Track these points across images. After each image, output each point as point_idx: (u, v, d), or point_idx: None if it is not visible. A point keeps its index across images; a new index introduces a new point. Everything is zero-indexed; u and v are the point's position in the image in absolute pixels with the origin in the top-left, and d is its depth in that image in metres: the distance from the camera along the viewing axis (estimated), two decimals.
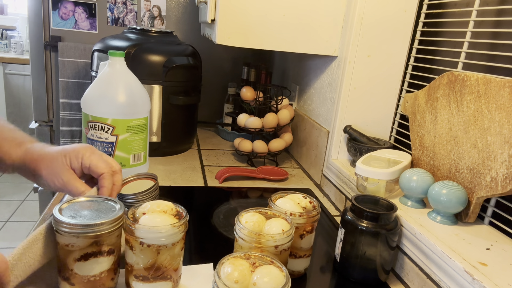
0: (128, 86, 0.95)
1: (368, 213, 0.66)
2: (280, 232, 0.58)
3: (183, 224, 0.56)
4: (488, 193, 0.66)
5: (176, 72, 1.16)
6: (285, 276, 0.49)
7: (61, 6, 1.50)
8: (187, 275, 0.64)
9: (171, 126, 1.20)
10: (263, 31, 0.99)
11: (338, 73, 1.03)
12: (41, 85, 1.58)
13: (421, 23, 0.95)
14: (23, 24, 3.10)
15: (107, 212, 0.56)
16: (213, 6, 0.99)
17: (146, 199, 0.78)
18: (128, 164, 0.96)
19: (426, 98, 0.82)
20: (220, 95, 1.66)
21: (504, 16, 0.75)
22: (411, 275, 0.69)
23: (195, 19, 1.63)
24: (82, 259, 0.53)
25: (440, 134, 0.78)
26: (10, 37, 3.08)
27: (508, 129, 0.62)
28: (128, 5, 1.55)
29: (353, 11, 0.96)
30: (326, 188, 1.08)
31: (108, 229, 0.53)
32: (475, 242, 0.65)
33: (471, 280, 0.55)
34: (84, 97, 0.93)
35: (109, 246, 0.54)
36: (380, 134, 1.03)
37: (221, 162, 1.23)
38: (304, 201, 0.68)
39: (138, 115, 0.95)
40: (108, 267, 0.55)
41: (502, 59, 0.72)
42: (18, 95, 3.02)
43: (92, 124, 0.92)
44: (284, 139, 1.22)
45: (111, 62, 0.93)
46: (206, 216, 0.88)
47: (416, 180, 0.73)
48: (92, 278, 0.54)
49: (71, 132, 1.58)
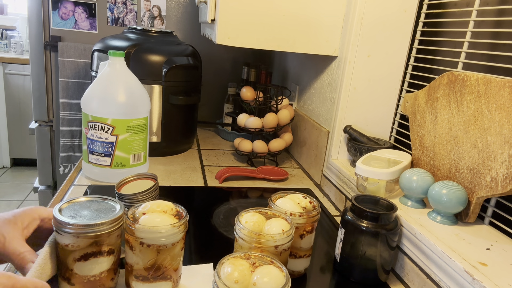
0: (128, 86, 0.95)
1: (368, 213, 0.66)
2: (280, 232, 0.58)
3: (183, 224, 0.56)
4: (488, 193, 0.66)
5: (176, 72, 1.16)
6: (285, 276, 0.49)
7: (61, 6, 1.50)
8: (187, 275, 0.64)
9: (171, 126, 1.20)
10: (263, 31, 0.99)
11: (338, 73, 1.03)
12: (41, 85, 1.58)
13: (421, 23, 0.95)
14: (23, 24, 3.10)
15: (107, 212, 0.56)
16: (213, 6, 0.99)
17: (146, 199, 0.78)
18: (128, 164, 0.96)
19: (426, 98, 0.82)
20: (220, 95, 1.66)
21: (504, 16, 0.75)
22: (411, 275, 0.69)
23: (195, 19, 1.63)
24: (82, 259, 0.53)
25: (440, 134, 0.78)
26: (10, 37, 3.08)
27: (508, 129, 0.62)
28: (128, 5, 1.55)
29: (353, 11, 0.96)
30: (326, 188, 1.08)
31: (108, 229, 0.53)
32: (475, 242, 0.65)
33: (471, 280, 0.55)
34: (84, 97, 0.93)
35: (109, 246, 0.54)
36: (380, 134, 1.03)
37: (221, 162, 1.23)
38: (304, 201, 0.68)
39: (138, 115, 0.95)
40: (108, 267, 0.55)
41: (502, 59, 0.72)
42: (18, 95, 3.02)
43: (92, 124, 0.92)
44: (284, 139, 1.22)
45: (111, 62, 0.93)
46: (206, 216, 0.88)
47: (416, 180, 0.73)
48: (92, 278, 0.54)
49: (71, 132, 1.58)
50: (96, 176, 0.97)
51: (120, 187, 0.80)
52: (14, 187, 3.00)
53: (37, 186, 1.73)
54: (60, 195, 0.92)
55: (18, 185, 3.03)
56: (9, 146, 3.16)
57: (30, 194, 2.91)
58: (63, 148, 1.59)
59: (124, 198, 0.78)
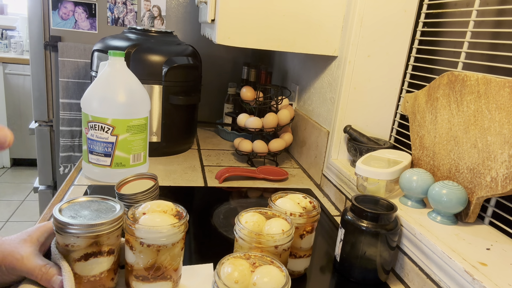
0: (128, 86, 0.95)
1: (368, 213, 0.66)
2: (280, 232, 0.58)
3: (183, 224, 0.56)
4: (488, 193, 0.66)
5: (176, 72, 1.16)
6: (285, 276, 0.49)
7: (61, 6, 1.50)
8: (187, 275, 0.64)
9: (171, 126, 1.20)
10: (263, 31, 0.99)
11: (338, 73, 1.03)
12: (41, 85, 1.58)
13: (421, 23, 0.95)
14: (23, 24, 3.10)
15: (107, 212, 0.56)
16: (213, 6, 0.99)
17: (146, 199, 0.78)
18: (128, 164, 0.96)
19: (426, 98, 0.82)
20: (220, 95, 1.66)
21: (504, 16, 0.75)
22: (411, 275, 0.69)
23: (195, 19, 1.63)
24: (82, 259, 0.53)
25: (440, 134, 0.78)
26: (10, 37, 3.08)
27: (508, 129, 0.62)
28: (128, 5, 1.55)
29: (353, 11, 0.96)
30: (326, 188, 1.08)
31: (108, 229, 0.53)
32: (475, 242, 0.65)
33: (471, 280, 0.55)
34: (84, 97, 0.93)
35: (109, 246, 0.54)
36: (380, 134, 1.03)
37: (221, 162, 1.23)
38: (304, 201, 0.68)
39: (138, 115, 0.95)
40: (108, 267, 0.55)
41: (502, 59, 0.72)
42: (18, 95, 3.02)
43: (92, 124, 0.92)
44: (284, 139, 1.22)
45: (111, 62, 0.93)
46: (206, 216, 0.88)
47: (416, 180, 0.73)
48: (92, 278, 0.54)
49: (71, 132, 1.58)
50: (96, 176, 0.97)
51: (120, 187, 0.80)
52: (14, 187, 3.00)
53: (37, 186, 1.73)
54: (60, 195, 0.92)
55: (18, 185, 3.03)
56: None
57: (30, 194, 2.91)
58: (63, 148, 1.59)
59: (124, 198, 0.78)
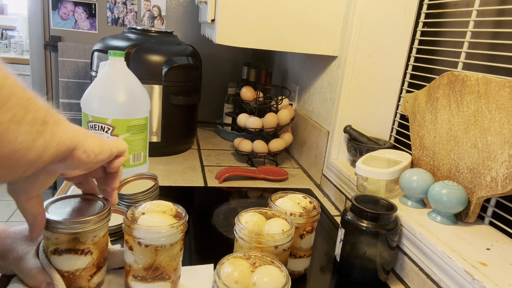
0: (128, 86, 0.95)
1: (368, 213, 0.66)
2: (280, 232, 0.58)
3: (182, 224, 0.56)
4: (488, 193, 0.65)
5: (176, 72, 1.16)
6: (285, 276, 0.49)
7: (61, 6, 1.50)
8: (187, 275, 0.63)
9: (171, 126, 1.19)
10: (263, 31, 0.98)
11: (338, 73, 1.03)
12: (41, 85, 1.58)
13: (421, 23, 0.95)
14: (23, 24, 3.10)
15: (92, 212, 0.56)
16: (213, 6, 0.99)
17: (146, 199, 0.78)
18: (128, 164, 0.96)
19: (426, 98, 0.82)
20: (220, 95, 1.66)
21: (504, 16, 0.75)
22: (411, 275, 0.69)
23: (195, 19, 1.63)
24: (56, 253, 0.53)
25: (440, 134, 0.77)
26: (10, 37, 3.08)
27: (508, 129, 0.62)
28: (128, 5, 1.55)
29: (353, 11, 0.96)
30: (326, 188, 1.07)
31: (83, 229, 0.53)
32: (475, 242, 0.64)
33: (471, 280, 0.55)
34: (84, 97, 0.93)
35: (85, 246, 0.54)
36: (380, 134, 1.03)
37: (221, 162, 1.23)
38: (304, 201, 0.68)
39: (138, 115, 0.95)
40: (84, 266, 0.55)
41: (502, 59, 0.72)
42: None
43: (92, 124, 0.92)
44: (284, 139, 1.22)
45: (111, 62, 0.93)
46: (206, 216, 0.88)
47: (416, 180, 0.73)
48: (65, 273, 0.54)
49: None
50: None
51: (120, 187, 0.80)
52: None
53: None
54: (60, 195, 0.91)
55: None
56: None
57: None
58: None
59: (124, 198, 0.78)
